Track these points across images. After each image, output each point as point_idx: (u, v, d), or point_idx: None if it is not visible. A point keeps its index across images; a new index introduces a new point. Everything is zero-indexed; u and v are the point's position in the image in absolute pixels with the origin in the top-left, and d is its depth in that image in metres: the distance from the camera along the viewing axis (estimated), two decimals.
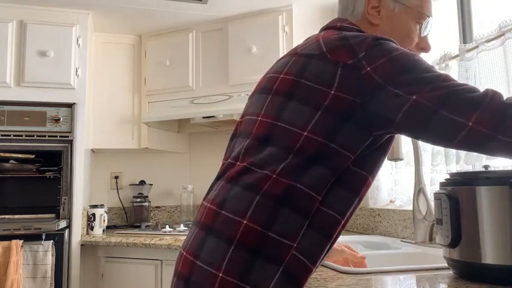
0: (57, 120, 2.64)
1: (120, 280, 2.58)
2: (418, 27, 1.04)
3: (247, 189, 0.86)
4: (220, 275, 0.82)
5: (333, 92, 0.85)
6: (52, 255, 2.44)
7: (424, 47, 1.06)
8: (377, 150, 0.91)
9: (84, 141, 2.72)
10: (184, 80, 2.96)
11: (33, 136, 2.61)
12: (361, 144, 0.87)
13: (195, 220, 0.94)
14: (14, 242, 2.35)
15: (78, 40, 2.72)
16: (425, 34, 1.06)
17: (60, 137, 2.65)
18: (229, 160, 0.94)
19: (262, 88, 0.97)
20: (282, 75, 0.93)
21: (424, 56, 1.02)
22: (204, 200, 0.96)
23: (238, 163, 0.91)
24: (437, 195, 1.08)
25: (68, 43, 2.69)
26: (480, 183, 0.98)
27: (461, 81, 1.68)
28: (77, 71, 2.71)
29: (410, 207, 1.83)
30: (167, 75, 3.01)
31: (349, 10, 1.04)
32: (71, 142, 2.66)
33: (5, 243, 2.34)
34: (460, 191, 1.02)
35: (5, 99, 2.60)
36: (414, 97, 0.82)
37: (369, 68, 0.84)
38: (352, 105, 0.84)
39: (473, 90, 0.83)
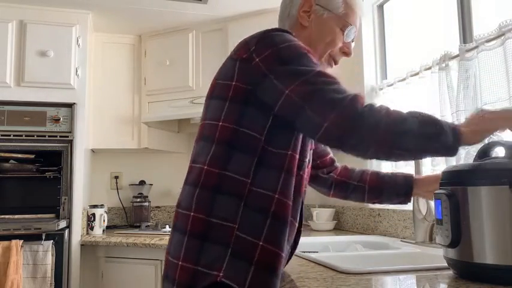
0: (57, 120, 2.64)
1: (120, 280, 2.58)
2: (342, 33, 1.17)
3: (191, 185, 1.01)
4: (180, 263, 0.96)
5: (233, 83, 1.00)
6: (52, 255, 2.44)
7: (346, 51, 1.19)
8: (288, 128, 1.00)
9: (84, 141, 2.72)
10: (184, 80, 2.96)
11: (33, 136, 2.61)
12: (263, 125, 0.99)
13: None
14: (14, 242, 2.35)
15: (78, 40, 2.72)
16: (348, 40, 1.19)
17: (60, 137, 2.65)
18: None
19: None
20: (212, 81, 1.10)
21: (424, 56, 1.03)
22: None
23: (189, 164, 1.06)
24: (437, 195, 1.08)
25: (68, 43, 2.69)
26: (480, 183, 0.98)
27: (461, 81, 1.69)
28: (77, 71, 2.71)
29: (410, 207, 1.83)
30: (167, 75, 3.01)
31: (285, 13, 1.20)
32: (71, 142, 2.66)
33: (5, 243, 2.34)
34: (460, 191, 1.02)
35: (5, 99, 2.60)
36: (287, 91, 0.94)
37: (257, 59, 0.98)
38: (247, 92, 0.99)
39: (338, 91, 0.93)
